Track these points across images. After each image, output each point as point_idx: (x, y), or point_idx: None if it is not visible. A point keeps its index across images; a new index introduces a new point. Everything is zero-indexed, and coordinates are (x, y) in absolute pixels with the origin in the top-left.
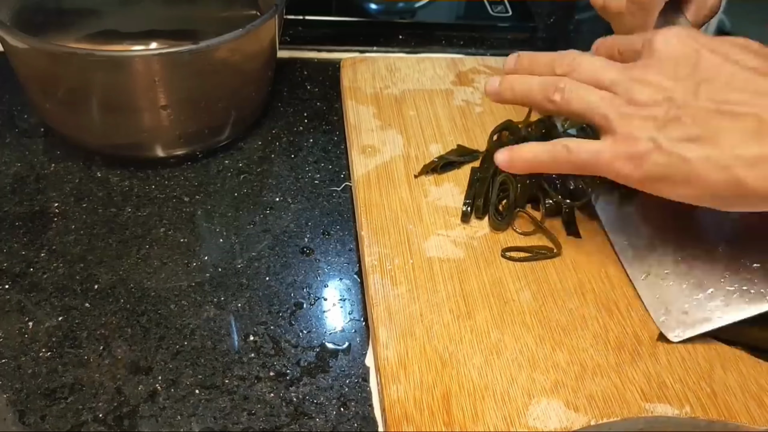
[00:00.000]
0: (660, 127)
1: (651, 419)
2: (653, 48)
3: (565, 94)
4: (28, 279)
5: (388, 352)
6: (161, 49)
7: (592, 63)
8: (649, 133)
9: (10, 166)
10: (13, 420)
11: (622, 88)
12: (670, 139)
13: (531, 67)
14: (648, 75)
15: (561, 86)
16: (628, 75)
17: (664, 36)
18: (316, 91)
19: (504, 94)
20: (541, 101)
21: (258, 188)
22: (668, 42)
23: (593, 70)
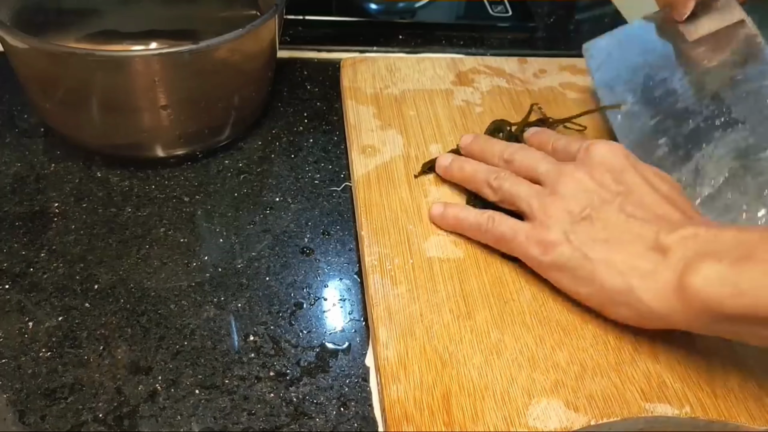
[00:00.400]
0: (573, 222)
1: (651, 419)
2: (589, 154)
3: (499, 182)
4: (28, 279)
5: (388, 352)
6: (161, 49)
7: (531, 156)
8: (563, 226)
9: (10, 166)
10: (13, 420)
11: (551, 179)
12: (579, 235)
13: (482, 152)
14: (576, 173)
15: (499, 176)
16: (559, 169)
17: (601, 147)
18: (316, 91)
19: (452, 172)
20: (480, 185)
21: (258, 188)
22: (603, 153)
23: (530, 162)
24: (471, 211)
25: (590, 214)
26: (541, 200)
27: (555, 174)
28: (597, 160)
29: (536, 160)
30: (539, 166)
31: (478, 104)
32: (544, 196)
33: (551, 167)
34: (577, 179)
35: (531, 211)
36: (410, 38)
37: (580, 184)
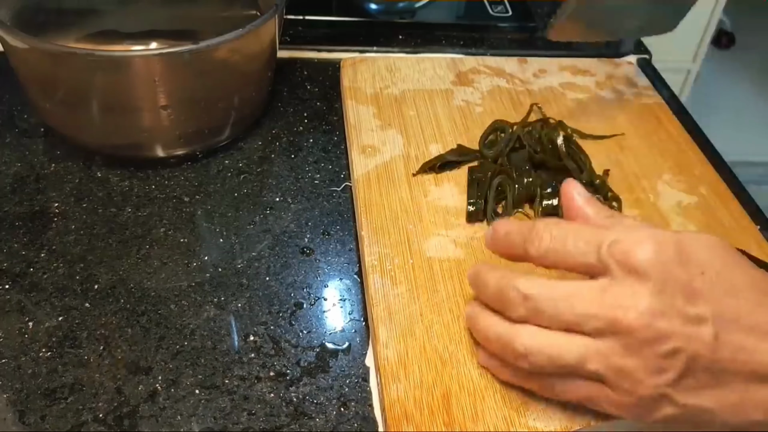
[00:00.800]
0: (671, 384)
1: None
2: (633, 265)
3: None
4: (28, 279)
5: (388, 351)
6: (161, 49)
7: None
8: (657, 389)
9: (10, 166)
10: (13, 420)
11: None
12: (679, 393)
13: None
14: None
15: (521, 351)
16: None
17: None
18: (316, 91)
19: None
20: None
21: (258, 188)
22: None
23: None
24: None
25: (688, 366)
26: (611, 365)
27: (610, 327)
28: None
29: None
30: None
31: (478, 104)
32: (613, 359)
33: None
34: (651, 329)
35: (601, 378)
36: (410, 38)
37: (653, 333)
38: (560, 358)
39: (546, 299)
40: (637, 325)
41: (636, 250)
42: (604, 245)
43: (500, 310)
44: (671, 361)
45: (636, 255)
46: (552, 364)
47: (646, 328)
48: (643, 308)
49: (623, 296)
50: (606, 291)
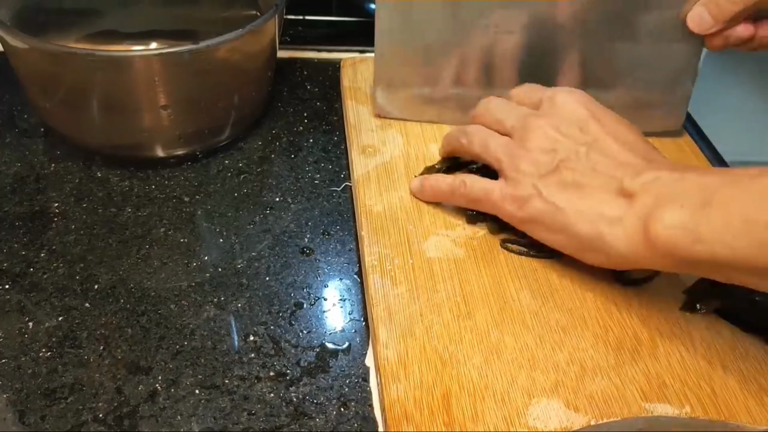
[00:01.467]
0: (542, 175)
1: (651, 419)
2: (554, 103)
3: (468, 137)
4: (28, 279)
5: (388, 351)
6: (161, 49)
7: (500, 109)
8: (533, 180)
9: (10, 166)
10: (13, 420)
11: (518, 133)
12: (549, 188)
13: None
14: (542, 126)
15: (468, 131)
16: (525, 122)
17: (564, 96)
18: (316, 91)
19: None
20: (455, 144)
21: (258, 188)
22: (567, 102)
23: (499, 116)
24: (445, 179)
25: (558, 165)
26: (511, 154)
27: (522, 127)
28: (562, 110)
29: (505, 112)
30: (507, 120)
31: None
32: (513, 150)
33: (518, 120)
34: (543, 132)
35: (500, 165)
36: None
37: (546, 136)
38: (485, 141)
39: (497, 106)
40: (534, 125)
41: (562, 92)
42: (549, 90)
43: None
44: (548, 157)
45: (560, 94)
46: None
47: (541, 129)
48: (545, 120)
49: (538, 114)
50: (531, 113)
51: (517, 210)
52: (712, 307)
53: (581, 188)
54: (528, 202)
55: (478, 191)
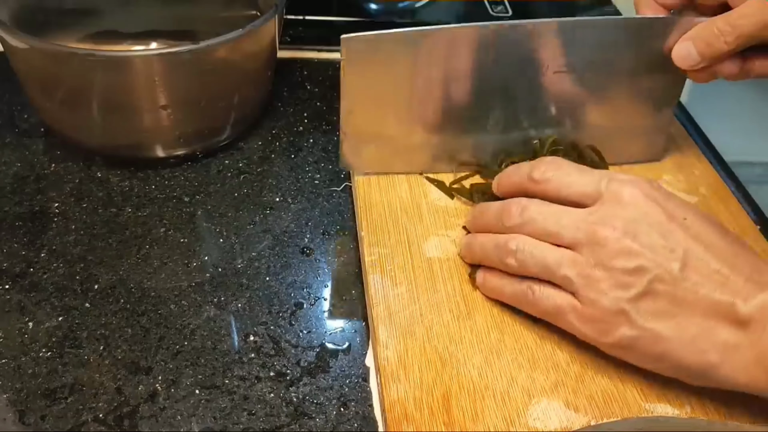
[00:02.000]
0: (631, 299)
1: (651, 419)
2: (619, 200)
3: (518, 256)
4: (28, 279)
5: (388, 352)
6: (161, 49)
7: (544, 215)
8: (619, 304)
9: (10, 166)
10: (13, 420)
11: (586, 250)
12: (641, 312)
13: (484, 222)
14: (616, 237)
15: (512, 248)
16: (592, 233)
17: (629, 189)
18: (316, 91)
19: (467, 258)
20: (499, 265)
21: (258, 188)
22: (635, 198)
23: (547, 224)
24: (509, 282)
25: (649, 287)
26: (585, 275)
27: (590, 239)
28: (633, 212)
29: (554, 221)
30: (564, 232)
31: None
32: (586, 270)
33: (580, 230)
34: (620, 246)
35: (572, 287)
36: None
37: (625, 251)
38: (542, 257)
39: (538, 211)
40: (609, 239)
41: (627, 185)
42: (604, 179)
43: (498, 221)
44: (635, 278)
45: (626, 188)
46: (535, 262)
47: (617, 241)
48: (620, 226)
49: (606, 216)
50: (593, 213)
51: (601, 336)
52: None
53: (681, 313)
54: (616, 328)
55: (548, 306)
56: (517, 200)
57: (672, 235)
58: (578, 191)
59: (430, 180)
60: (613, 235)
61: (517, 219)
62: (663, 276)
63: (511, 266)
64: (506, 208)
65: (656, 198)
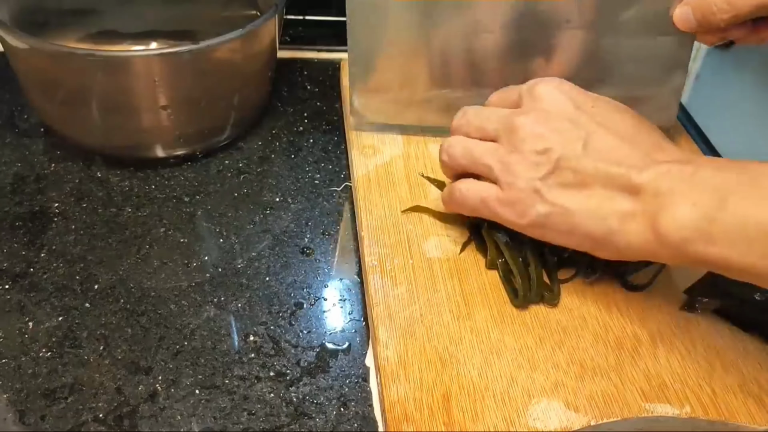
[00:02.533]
0: (541, 178)
1: (651, 419)
2: (535, 97)
3: (450, 150)
4: (28, 279)
5: (388, 352)
6: (161, 49)
7: (479, 115)
8: (532, 183)
9: (10, 166)
10: (13, 420)
11: (504, 135)
12: (551, 188)
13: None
14: (529, 124)
15: (446, 145)
16: (510, 123)
17: (544, 86)
18: (316, 91)
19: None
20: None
21: (258, 188)
22: (548, 92)
23: (479, 122)
24: (447, 189)
25: (556, 165)
26: (501, 160)
27: (506, 129)
28: (545, 104)
29: (484, 117)
30: (488, 124)
31: None
32: (503, 155)
33: (500, 122)
34: (531, 130)
35: (493, 174)
36: None
37: (536, 135)
38: (468, 149)
39: (474, 112)
40: (520, 125)
41: (542, 83)
42: (528, 84)
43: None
44: (544, 158)
45: (539, 85)
46: (462, 154)
47: (529, 127)
48: (531, 117)
49: (523, 111)
50: (514, 111)
51: (519, 217)
52: (712, 306)
53: (584, 186)
54: (530, 207)
55: (474, 200)
56: (464, 107)
57: (578, 120)
58: (507, 98)
59: (430, 180)
60: (526, 122)
61: (457, 120)
62: (568, 155)
63: (444, 162)
64: (460, 112)
65: (568, 92)
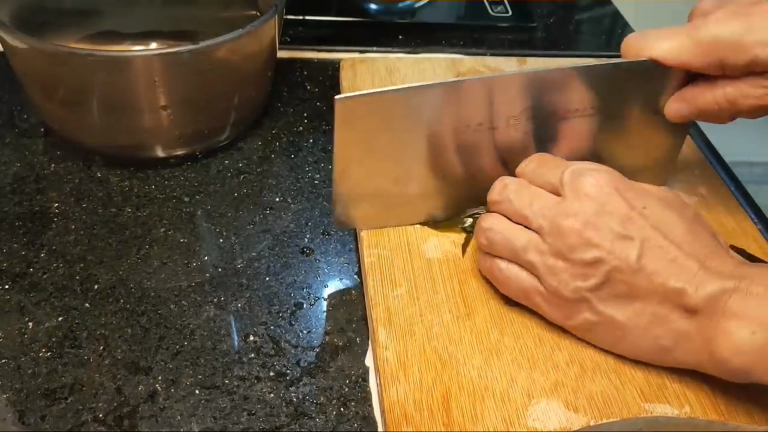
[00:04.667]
0: (590, 289)
1: (651, 419)
2: (578, 190)
3: (489, 235)
4: (28, 279)
5: (388, 352)
6: (161, 49)
7: (518, 194)
8: (579, 293)
9: (10, 166)
10: (13, 420)
11: (550, 239)
12: (601, 299)
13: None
14: (576, 229)
15: (485, 226)
16: (555, 224)
17: (588, 179)
18: (316, 91)
19: None
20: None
21: (258, 188)
22: (594, 187)
23: (519, 204)
24: (483, 258)
25: (607, 277)
26: (546, 262)
27: (552, 231)
28: (592, 200)
29: (527, 204)
30: (530, 214)
31: None
32: (549, 257)
33: (545, 218)
34: (580, 237)
35: (537, 272)
36: (410, 38)
37: (585, 242)
38: (510, 240)
39: (516, 191)
40: (570, 231)
41: (588, 175)
42: (568, 168)
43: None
44: (594, 270)
45: (585, 178)
46: (503, 244)
47: (577, 235)
48: (580, 220)
49: (569, 208)
50: (559, 203)
51: (564, 318)
52: None
53: (636, 298)
54: (577, 313)
55: (516, 287)
56: (503, 178)
57: (631, 225)
58: (546, 181)
59: None
60: (574, 227)
61: (497, 195)
62: (621, 266)
63: (482, 244)
64: (496, 183)
65: (617, 187)
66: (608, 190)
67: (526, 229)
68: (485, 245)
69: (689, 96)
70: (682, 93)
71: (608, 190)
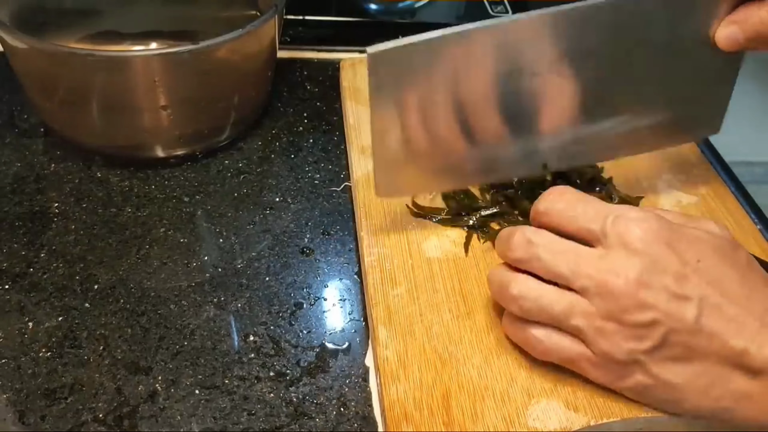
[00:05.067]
0: (644, 351)
1: (651, 419)
2: (627, 245)
3: (521, 303)
4: (28, 279)
5: (388, 352)
6: (161, 49)
7: (548, 249)
8: (633, 356)
9: (10, 166)
10: (13, 420)
11: (597, 300)
12: (655, 362)
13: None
14: (627, 292)
15: (515, 294)
16: (602, 283)
17: (636, 231)
18: (316, 91)
19: None
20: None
21: (258, 188)
22: (643, 241)
23: (551, 260)
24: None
25: (663, 340)
26: (594, 325)
27: (601, 290)
28: (644, 255)
29: (560, 260)
30: (571, 277)
31: None
32: (596, 320)
33: (588, 277)
34: (631, 299)
35: (583, 336)
36: None
37: (638, 304)
38: (548, 306)
39: (546, 247)
40: (622, 292)
41: (635, 225)
42: (611, 216)
43: (505, 251)
44: (649, 331)
45: (634, 229)
46: (540, 311)
47: (630, 296)
48: (632, 277)
49: (617, 264)
50: (602, 258)
51: (615, 381)
52: None
53: (694, 360)
54: (629, 376)
55: (560, 357)
56: (522, 230)
57: (686, 282)
58: (582, 227)
59: None
60: (625, 288)
61: (521, 253)
62: (678, 327)
63: (515, 313)
64: (512, 236)
65: (668, 239)
66: (658, 243)
67: (563, 291)
68: (519, 314)
69: (741, 17)
70: (733, 15)
71: (658, 243)
